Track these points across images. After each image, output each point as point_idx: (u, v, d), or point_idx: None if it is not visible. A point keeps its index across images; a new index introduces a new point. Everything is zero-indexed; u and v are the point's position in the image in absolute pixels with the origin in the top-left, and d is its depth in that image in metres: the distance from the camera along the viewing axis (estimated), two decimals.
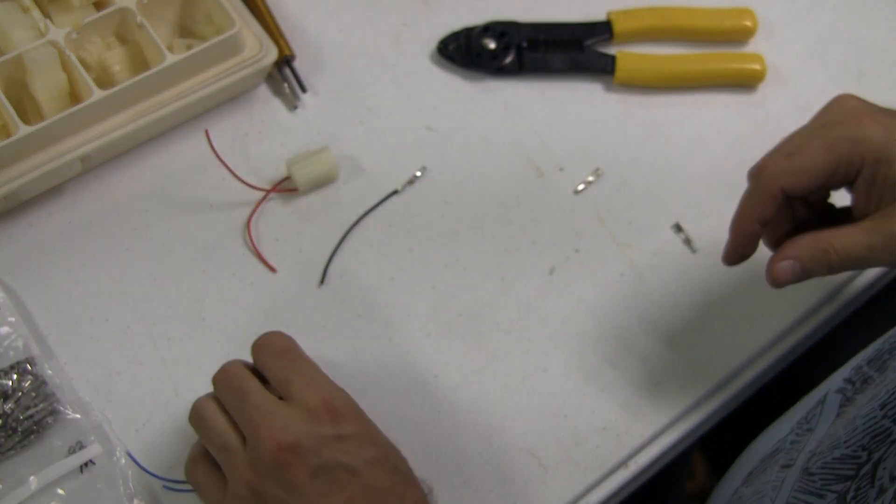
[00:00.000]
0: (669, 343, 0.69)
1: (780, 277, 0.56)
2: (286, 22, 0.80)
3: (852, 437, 0.53)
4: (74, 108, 0.68)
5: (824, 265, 0.56)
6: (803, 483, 0.55)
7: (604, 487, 0.65)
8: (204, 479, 0.56)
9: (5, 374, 0.64)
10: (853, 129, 0.56)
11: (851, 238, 0.56)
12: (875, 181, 0.55)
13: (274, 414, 0.52)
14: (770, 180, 0.56)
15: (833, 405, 0.58)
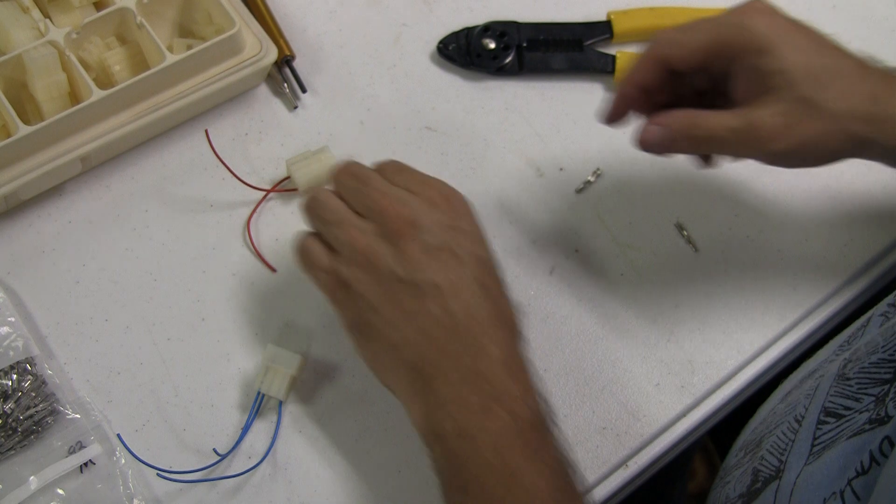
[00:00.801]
0: (669, 343, 0.69)
1: (646, 139, 0.59)
2: (286, 22, 0.80)
3: (890, 342, 0.54)
4: (74, 109, 0.68)
5: (689, 138, 0.58)
6: (839, 388, 0.56)
7: (604, 487, 0.65)
8: (314, 247, 0.58)
9: (5, 374, 0.64)
10: (742, 18, 0.58)
11: (718, 118, 0.57)
12: (752, 70, 0.57)
13: (396, 194, 0.56)
14: (656, 47, 0.59)
15: (875, 326, 0.58)
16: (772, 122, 0.56)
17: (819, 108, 0.56)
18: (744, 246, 0.73)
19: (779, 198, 0.75)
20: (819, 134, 0.56)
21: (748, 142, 0.57)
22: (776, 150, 0.56)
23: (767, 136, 0.56)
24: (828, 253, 0.73)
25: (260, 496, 0.63)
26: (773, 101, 0.56)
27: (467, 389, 0.52)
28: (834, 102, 0.56)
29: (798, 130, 0.56)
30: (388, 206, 0.55)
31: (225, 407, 0.66)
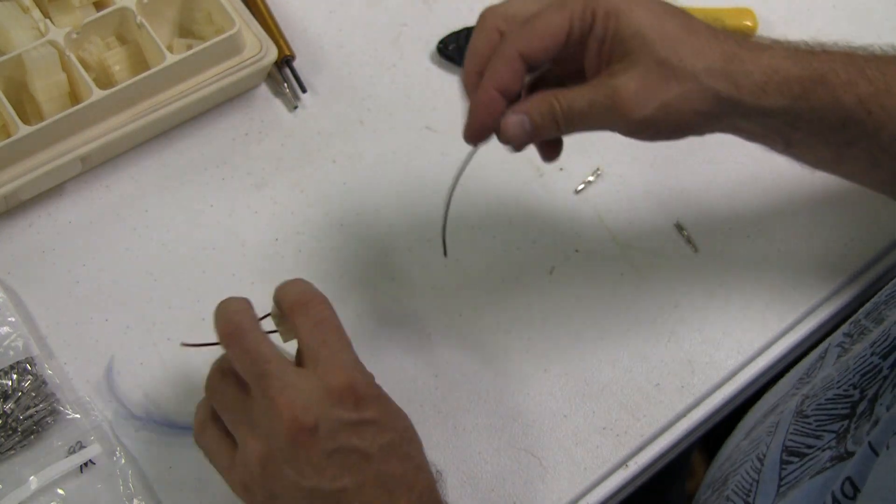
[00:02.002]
0: (669, 343, 0.69)
1: (508, 132, 0.56)
2: (286, 22, 0.80)
3: (844, 377, 0.53)
4: (74, 109, 0.68)
5: (551, 120, 0.55)
6: (798, 425, 0.55)
7: (604, 487, 0.65)
8: (213, 445, 0.54)
9: (5, 374, 0.64)
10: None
11: (575, 93, 0.55)
12: (605, 37, 0.54)
13: (294, 389, 0.49)
14: (509, 47, 0.54)
15: (832, 358, 0.58)
16: (633, 87, 0.53)
17: (677, 69, 0.54)
18: (744, 246, 0.73)
19: (779, 198, 0.75)
20: (680, 95, 0.54)
21: (611, 112, 0.54)
22: (641, 116, 0.54)
23: (630, 103, 0.54)
24: (828, 253, 0.73)
25: None
26: (631, 66, 0.54)
27: None
28: (691, 61, 0.54)
29: (659, 93, 0.54)
30: (285, 411, 0.48)
31: None
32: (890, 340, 0.51)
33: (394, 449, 0.51)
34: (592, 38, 0.54)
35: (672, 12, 0.55)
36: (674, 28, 0.54)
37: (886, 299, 0.56)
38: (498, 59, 0.54)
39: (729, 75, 0.54)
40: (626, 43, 0.54)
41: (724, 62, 0.54)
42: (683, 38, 0.54)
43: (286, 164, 0.75)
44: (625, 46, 0.54)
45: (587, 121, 0.55)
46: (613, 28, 0.54)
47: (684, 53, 0.54)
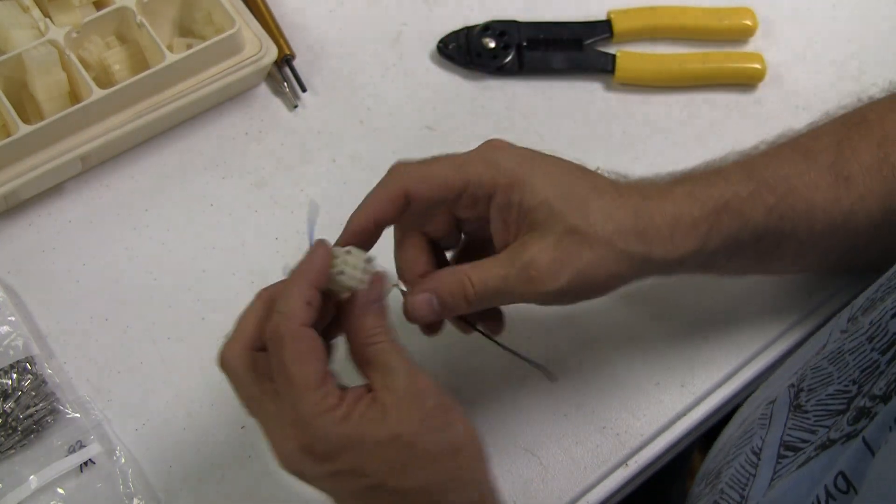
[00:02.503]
0: (669, 342, 0.69)
1: (416, 311, 0.54)
2: (286, 21, 0.80)
3: (844, 373, 0.53)
4: (74, 108, 0.68)
5: (461, 298, 0.54)
6: (797, 420, 0.55)
7: (604, 486, 0.65)
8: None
9: (5, 374, 0.64)
10: (487, 153, 0.55)
11: (487, 269, 0.54)
12: (509, 207, 0.54)
13: (274, 434, 0.50)
14: (396, 178, 0.54)
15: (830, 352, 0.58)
16: (546, 259, 0.53)
17: (588, 235, 0.53)
18: None
19: None
20: (594, 261, 0.53)
21: (526, 286, 0.53)
22: (556, 287, 0.53)
23: (544, 276, 0.53)
24: None
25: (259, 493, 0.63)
26: (541, 237, 0.53)
27: None
28: (601, 224, 0.54)
29: (573, 262, 0.53)
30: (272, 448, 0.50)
31: (225, 406, 0.65)
32: (889, 336, 0.51)
33: (377, 489, 0.49)
34: (495, 207, 0.54)
35: (576, 174, 0.55)
36: (580, 192, 0.54)
37: (882, 294, 0.56)
38: (382, 188, 0.55)
39: (639, 234, 0.55)
40: (534, 213, 0.53)
41: (634, 220, 0.54)
42: (591, 200, 0.54)
43: (286, 163, 0.75)
44: (532, 216, 0.53)
45: (500, 297, 0.54)
46: (518, 199, 0.53)
47: (594, 218, 0.54)
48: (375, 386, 0.49)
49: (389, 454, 0.48)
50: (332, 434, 0.47)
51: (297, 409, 0.48)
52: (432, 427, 0.49)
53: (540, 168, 0.55)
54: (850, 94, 0.67)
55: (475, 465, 0.52)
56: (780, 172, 0.59)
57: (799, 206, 0.59)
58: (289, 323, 0.48)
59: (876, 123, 0.61)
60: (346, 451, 0.48)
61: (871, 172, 0.60)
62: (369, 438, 0.48)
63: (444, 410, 0.50)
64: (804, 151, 0.61)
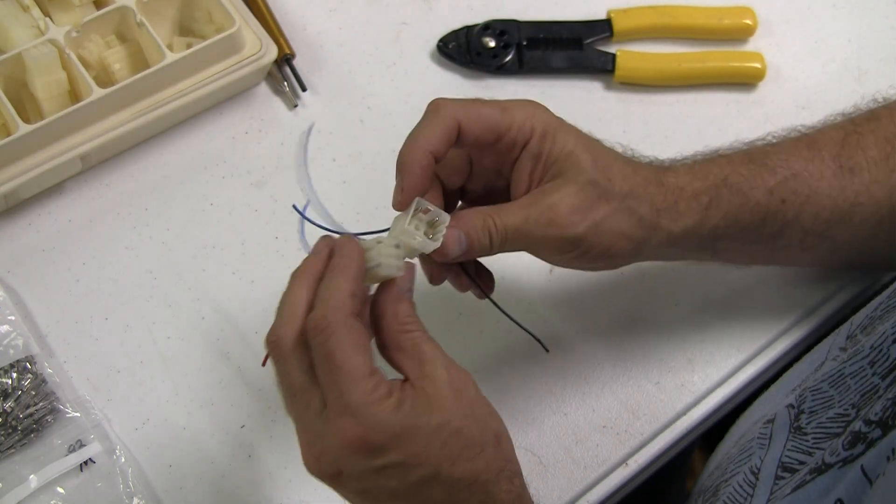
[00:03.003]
0: (669, 342, 0.69)
1: (445, 246, 0.54)
2: (286, 20, 0.80)
3: (844, 397, 0.53)
4: (74, 107, 0.68)
5: (486, 237, 0.55)
6: (796, 442, 0.55)
7: (604, 486, 0.65)
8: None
9: (5, 373, 0.64)
10: (527, 105, 0.57)
11: (510, 210, 0.55)
12: (539, 155, 0.55)
13: (312, 435, 0.48)
14: (448, 111, 0.54)
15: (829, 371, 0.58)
16: (567, 203, 0.54)
17: (606, 190, 0.55)
18: None
19: None
20: (608, 215, 0.55)
21: (548, 227, 0.55)
22: (572, 234, 0.55)
23: (563, 220, 0.54)
24: None
25: (259, 493, 0.63)
26: (564, 184, 0.55)
27: None
28: (618, 182, 0.56)
29: (591, 213, 0.55)
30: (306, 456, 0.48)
31: (225, 406, 0.65)
32: (890, 361, 0.51)
33: (429, 481, 0.48)
34: (527, 153, 0.56)
35: (596, 141, 0.58)
36: (603, 152, 0.57)
37: (881, 313, 0.56)
38: (435, 119, 0.54)
39: (650, 198, 0.57)
40: (560, 163, 0.55)
41: (645, 186, 0.57)
42: (612, 161, 0.57)
43: (286, 162, 0.75)
44: (558, 166, 0.55)
45: (522, 238, 0.55)
46: (549, 147, 0.55)
47: (614, 175, 0.56)
48: (412, 375, 0.49)
49: (442, 442, 0.47)
50: (389, 423, 0.46)
51: (349, 398, 0.46)
52: (476, 416, 0.49)
53: (569, 127, 0.57)
54: (851, 93, 0.67)
55: (513, 455, 0.52)
56: (782, 158, 0.60)
57: (801, 191, 0.59)
58: (337, 313, 0.48)
59: (886, 119, 0.62)
60: (402, 439, 0.47)
61: (878, 165, 0.60)
62: (424, 425, 0.47)
63: (482, 401, 0.51)
64: (809, 143, 0.61)
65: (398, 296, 0.51)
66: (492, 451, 0.49)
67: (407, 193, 0.53)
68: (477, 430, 0.49)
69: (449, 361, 0.49)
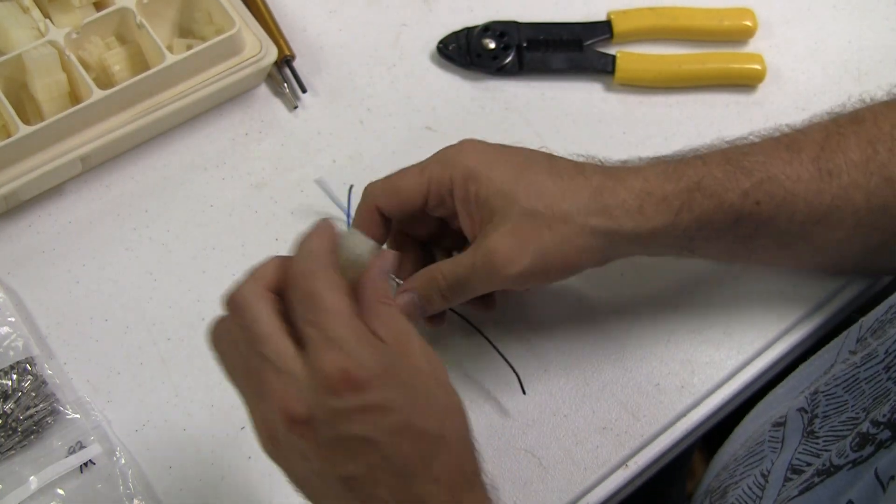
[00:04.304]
0: (669, 343, 0.69)
1: (402, 310, 0.54)
2: (286, 22, 0.80)
3: (858, 402, 0.53)
4: (74, 109, 0.68)
5: (437, 292, 0.57)
6: (808, 445, 0.55)
7: (604, 487, 0.65)
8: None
9: (5, 374, 0.64)
10: (446, 154, 0.58)
11: (456, 262, 0.57)
12: (468, 200, 0.56)
13: (286, 376, 0.46)
14: (368, 198, 0.59)
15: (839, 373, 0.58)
16: (506, 244, 0.55)
17: (546, 216, 0.55)
18: None
19: None
20: (556, 240, 0.55)
21: (490, 273, 0.55)
22: (517, 270, 0.55)
23: (504, 260, 0.55)
24: None
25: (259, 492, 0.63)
26: (499, 223, 0.55)
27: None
28: (559, 205, 0.55)
29: (533, 243, 0.55)
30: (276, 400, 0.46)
31: (225, 407, 0.65)
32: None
33: (403, 431, 0.46)
34: (457, 201, 0.57)
35: (533, 160, 0.57)
36: (535, 176, 0.56)
37: (892, 316, 0.56)
38: (359, 210, 0.60)
39: (601, 209, 0.56)
40: (491, 202, 0.55)
41: (594, 197, 0.56)
42: (547, 184, 0.56)
43: (286, 164, 0.75)
44: (490, 205, 0.55)
45: (470, 287, 0.57)
46: (475, 191, 0.56)
47: (550, 199, 0.56)
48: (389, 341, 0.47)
49: (417, 395, 0.46)
50: (373, 360, 0.45)
51: (336, 333, 0.45)
52: (445, 384, 0.49)
53: (497, 159, 0.57)
54: (850, 94, 0.67)
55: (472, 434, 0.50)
56: (759, 159, 0.59)
57: (777, 194, 0.59)
58: (320, 261, 0.47)
59: (870, 122, 0.61)
60: (384, 380, 0.45)
61: (858, 168, 0.60)
62: (404, 374, 0.46)
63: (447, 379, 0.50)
64: (788, 143, 0.61)
65: (380, 273, 0.49)
66: (457, 418, 0.49)
67: None
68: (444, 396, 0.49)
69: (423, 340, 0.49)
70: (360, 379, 0.45)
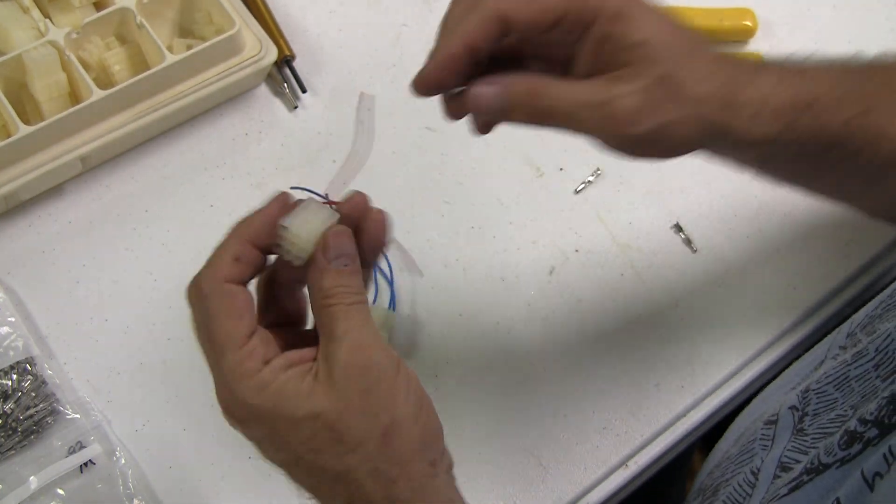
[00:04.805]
0: (669, 343, 0.69)
1: (479, 101, 0.49)
2: (286, 22, 0.80)
3: (847, 399, 0.53)
4: (74, 109, 0.68)
5: (528, 105, 0.49)
6: (797, 443, 0.55)
7: (604, 487, 0.65)
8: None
9: (5, 375, 0.64)
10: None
11: (569, 90, 0.49)
12: (606, 40, 0.48)
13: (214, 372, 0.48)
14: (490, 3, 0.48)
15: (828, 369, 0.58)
16: (632, 102, 0.48)
17: (678, 91, 0.49)
18: (744, 246, 0.73)
19: (779, 198, 0.75)
20: (676, 119, 0.49)
21: (602, 120, 0.48)
22: (634, 133, 0.48)
23: (626, 117, 0.48)
24: (828, 253, 0.73)
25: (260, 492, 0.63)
26: (633, 77, 0.48)
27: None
28: (692, 84, 0.49)
29: (657, 114, 0.48)
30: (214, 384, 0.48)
31: None
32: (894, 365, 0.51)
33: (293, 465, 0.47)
34: (590, 37, 0.49)
35: (681, 27, 0.51)
36: (681, 45, 0.50)
37: (881, 311, 0.56)
38: (475, 13, 0.48)
39: (726, 104, 0.51)
40: (631, 51, 0.48)
41: (723, 89, 0.50)
42: (689, 57, 0.50)
43: (286, 164, 0.75)
44: (629, 55, 0.48)
45: (572, 122, 0.49)
46: (619, 32, 0.48)
47: (688, 74, 0.49)
48: (320, 352, 0.46)
49: (303, 434, 0.45)
50: (248, 401, 0.45)
51: (220, 366, 0.46)
52: (364, 408, 0.45)
53: (646, 6, 0.49)
54: None
55: (405, 457, 0.46)
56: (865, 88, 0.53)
57: (870, 127, 0.53)
58: (213, 279, 0.47)
59: None
60: (262, 420, 0.45)
61: None
62: (285, 414, 0.44)
63: (384, 392, 0.46)
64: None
65: (319, 268, 0.47)
66: (372, 448, 0.45)
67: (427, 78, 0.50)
68: (357, 425, 0.45)
69: (359, 341, 0.45)
70: (238, 416, 0.46)
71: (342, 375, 0.45)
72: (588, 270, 0.72)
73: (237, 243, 0.48)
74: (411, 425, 0.46)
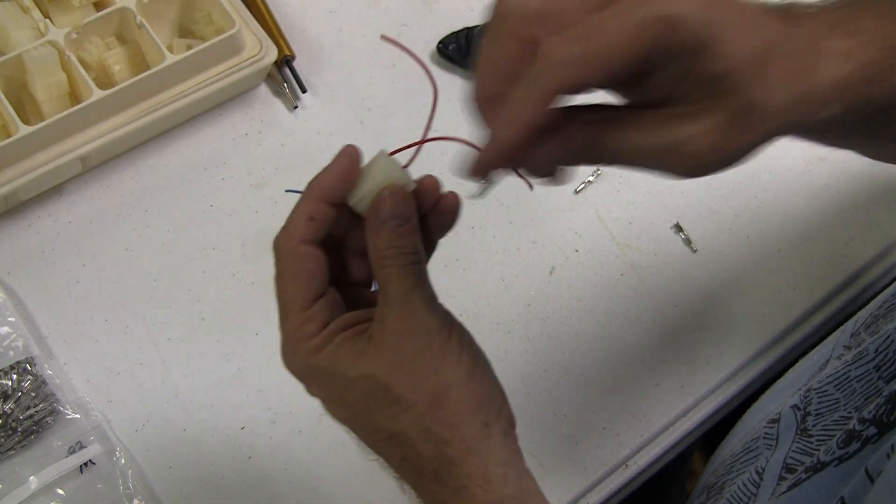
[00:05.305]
0: (669, 343, 0.69)
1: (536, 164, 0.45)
2: (286, 22, 0.80)
3: (850, 400, 0.53)
4: (74, 109, 0.68)
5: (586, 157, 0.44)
6: (801, 444, 0.55)
7: (604, 487, 0.65)
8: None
9: (5, 375, 0.64)
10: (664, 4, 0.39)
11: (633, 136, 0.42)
12: (686, 74, 0.40)
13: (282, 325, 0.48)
14: (551, 71, 0.40)
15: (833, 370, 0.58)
16: (707, 141, 0.41)
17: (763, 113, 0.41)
18: (744, 246, 0.73)
19: (779, 198, 0.75)
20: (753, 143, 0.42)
21: (672, 162, 0.42)
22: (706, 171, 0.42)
23: (699, 159, 0.41)
24: (828, 253, 0.73)
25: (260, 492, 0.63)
26: (711, 112, 0.41)
27: None
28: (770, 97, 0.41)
29: (734, 145, 0.42)
30: None
31: (225, 407, 0.65)
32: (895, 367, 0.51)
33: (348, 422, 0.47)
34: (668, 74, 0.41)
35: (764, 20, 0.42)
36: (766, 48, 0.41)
37: (885, 311, 0.56)
38: (533, 86, 0.41)
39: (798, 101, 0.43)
40: (714, 85, 0.40)
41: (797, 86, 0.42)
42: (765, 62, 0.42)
43: (286, 164, 0.75)
44: (710, 88, 0.40)
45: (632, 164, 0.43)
46: (701, 66, 0.40)
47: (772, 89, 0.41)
48: (376, 316, 0.46)
49: (356, 393, 0.45)
50: (305, 362, 0.46)
51: (282, 327, 0.47)
52: (411, 372, 0.45)
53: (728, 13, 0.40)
54: None
55: (458, 419, 0.46)
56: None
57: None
58: (288, 240, 0.47)
59: None
60: (318, 381, 0.46)
61: None
62: (339, 375, 0.45)
63: (435, 354, 0.45)
64: None
65: (374, 226, 0.47)
66: (423, 410, 0.45)
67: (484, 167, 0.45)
68: (407, 387, 0.45)
69: (410, 304, 0.45)
70: (297, 375, 0.47)
71: (393, 338, 0.45)
72: (588, 270, 0.72)
73: (310, 202, 0.48)
74: (461, 387, 0.46)
